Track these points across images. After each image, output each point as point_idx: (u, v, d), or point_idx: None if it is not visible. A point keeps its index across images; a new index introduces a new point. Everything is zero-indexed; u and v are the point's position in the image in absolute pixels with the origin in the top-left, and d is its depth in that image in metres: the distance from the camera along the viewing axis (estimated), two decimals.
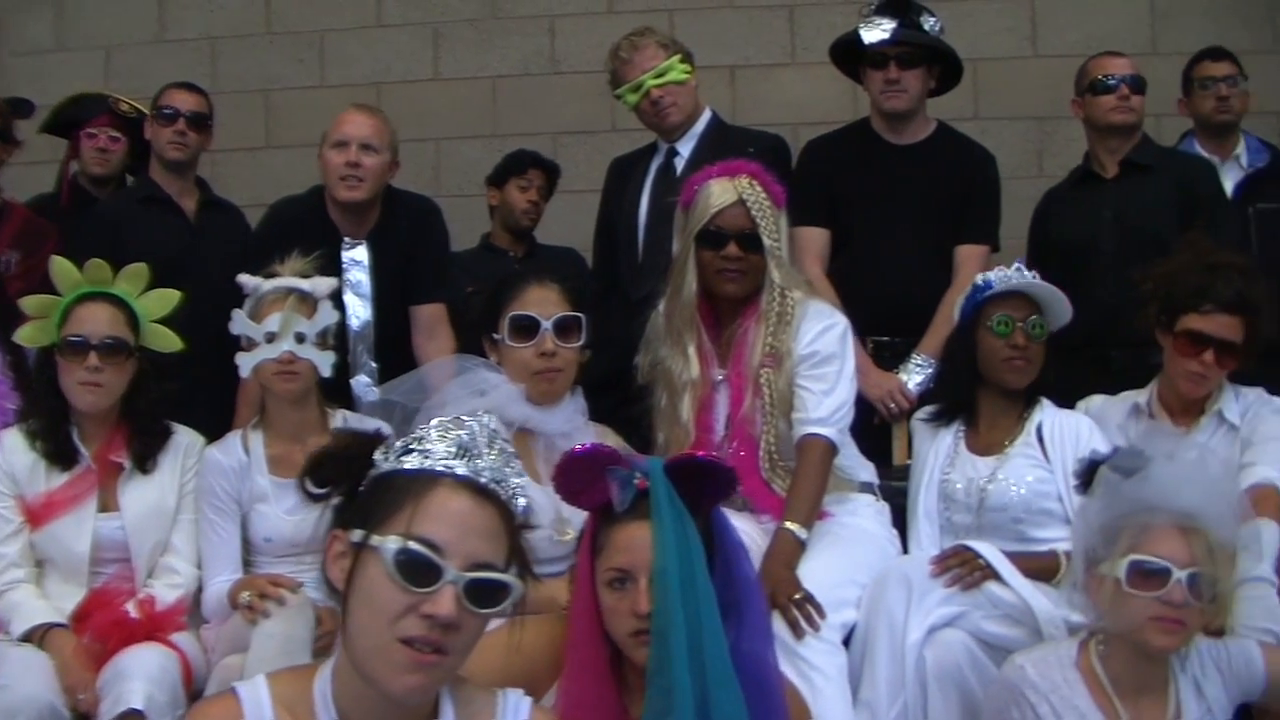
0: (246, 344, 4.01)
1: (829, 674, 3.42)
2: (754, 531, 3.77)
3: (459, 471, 2.13)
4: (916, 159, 5.06)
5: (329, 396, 4.25)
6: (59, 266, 4.00)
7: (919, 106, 5.06)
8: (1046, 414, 4.12)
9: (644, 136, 5.29)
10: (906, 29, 4.94)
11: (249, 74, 7.26)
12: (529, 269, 4.13)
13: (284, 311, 3.97)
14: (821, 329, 3.93)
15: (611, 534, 2.75)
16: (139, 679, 3.50)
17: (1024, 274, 4.19)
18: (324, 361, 4.01)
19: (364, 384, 4.84)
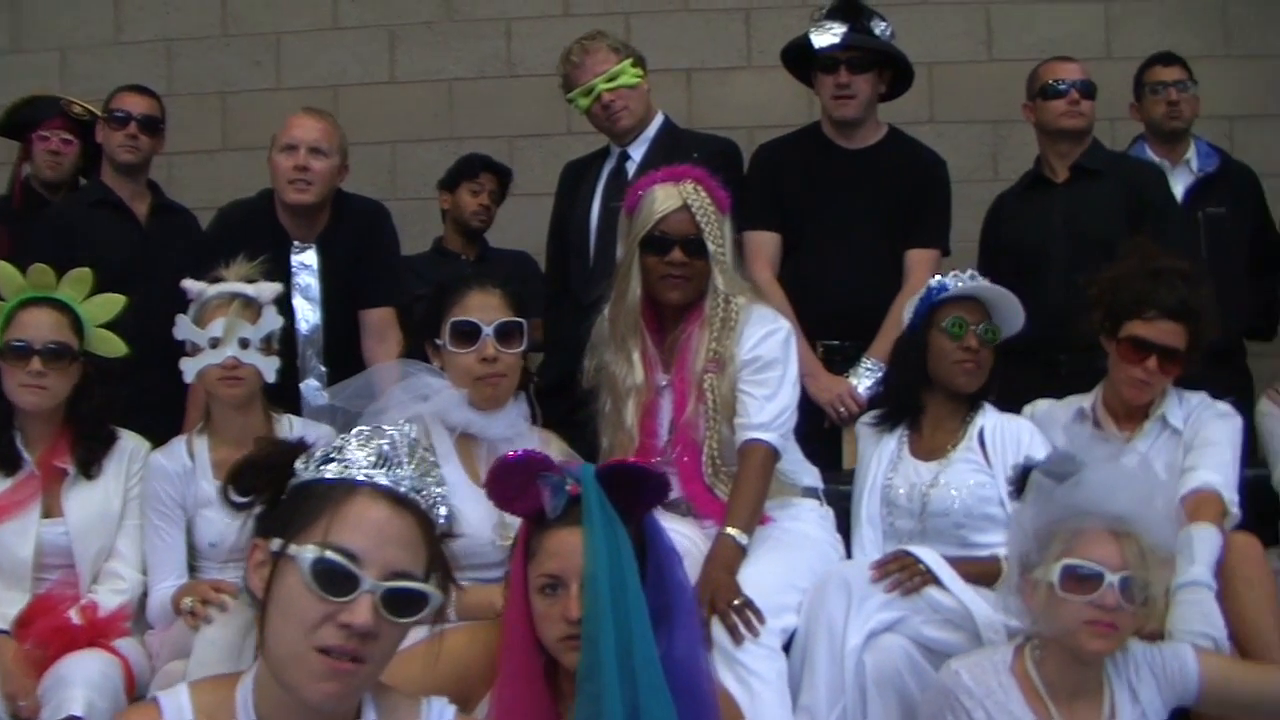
0: (191, 349, 3.99)
1: (768, 679, 3.41)
2: (697, 536, 3.77)
3: (378, 481, 2.13)
4: (867, 163, 5.06)
5: (279, 400, 4.24)
6: (2, 271, 3.99)
7: (869, 111, 5.06)
8: (988, 418, 4.13)
9: (600, 140, 5.29)
10: (857, 34, 4.95)
11: (205, 76, 7.23)
12: (471, 274, 4.11)
13: (228, 317, 3.95)
14: (764, 334, 3.93)
15: (543, 540, 2.75)
16: (80, 685, 3.48)
17: (979, 278, 4.20)
18: (268, 367, 4.00)
19: (313, 388, 4.83)
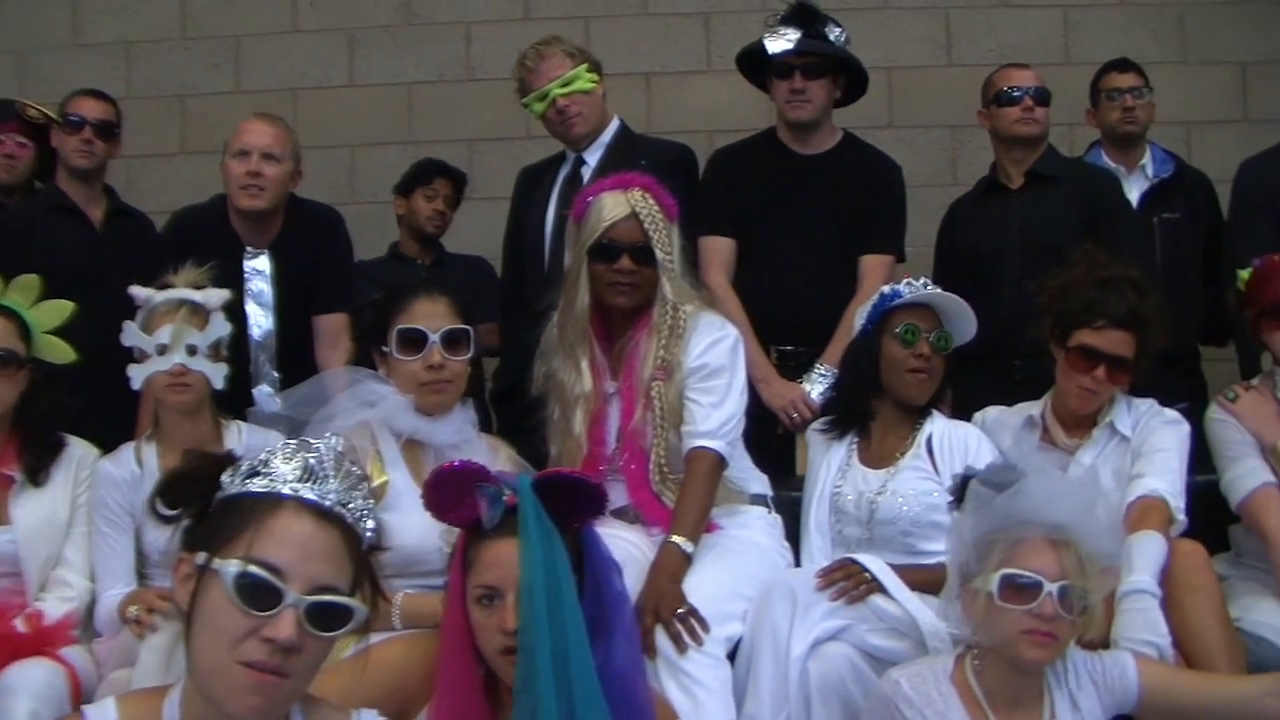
0: (139, 356, 3.98)
1: (712, 688, 3.41)
2: (644, 544, 3.77)
3: (303, 494, 2.13)
4: (822, 168, 5.07)
5: (233, 406, 4.23)
6: None
7: (824, 116, 5.07)
8: (936, 425, 4.14)
9: (559, 144, 5.27)
10: (811, 39, 4.95)
11: (164, 79, 7.20)
12: (418, 281, 4.11)
13: (175, 323, 3.93)
14: (711, 341, 3.93)
15: (481, 551, 2.75)
16: (24, 695, 3.46)
17: (932, 286, 4.22)
18: (216, 374, 3.99)
19: (266, 393, 4.82)
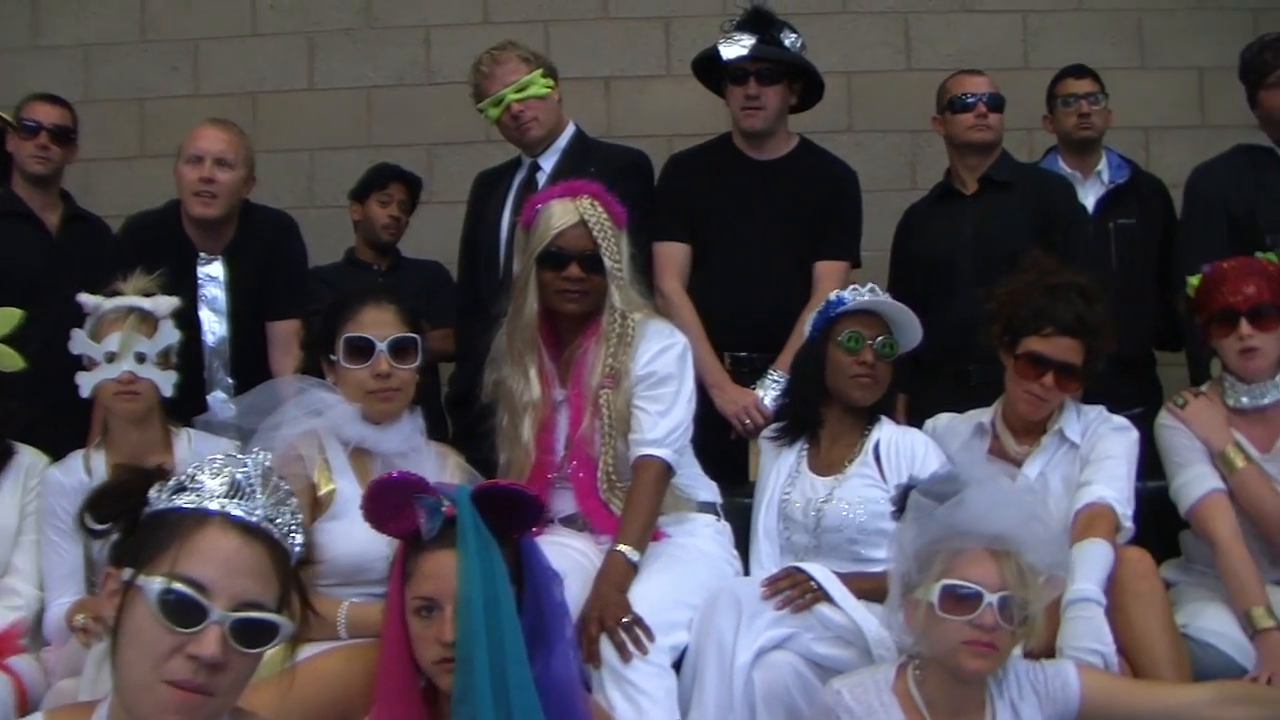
0: (87, 363, 3.97)
1: (656, 697, 3.41)
2: (592, 552, 3.78)
3: (229, 510, 2.12)
4: (777, 174, 5.08)
5: (188, 413, 4.22)
6: None
7: (779, 122, 5.08)
8: (884, 432, 4.14)
9: (517, 149, 5.27)
10: (766, 45, 4.96)
11: (122, 82, 7.16)
12: (365, 289, 4.09)
13: (124, 331, 3.93)
14: (659, 349, 3.93)
15: (420, 562, 2.74)
16: None
17: (878, 293, 4.22)
18: (165, 381, 3.98)
19: (220, 400, 4.80)
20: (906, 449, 4.07)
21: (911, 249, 5.28)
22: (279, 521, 2.17)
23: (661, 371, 3.91)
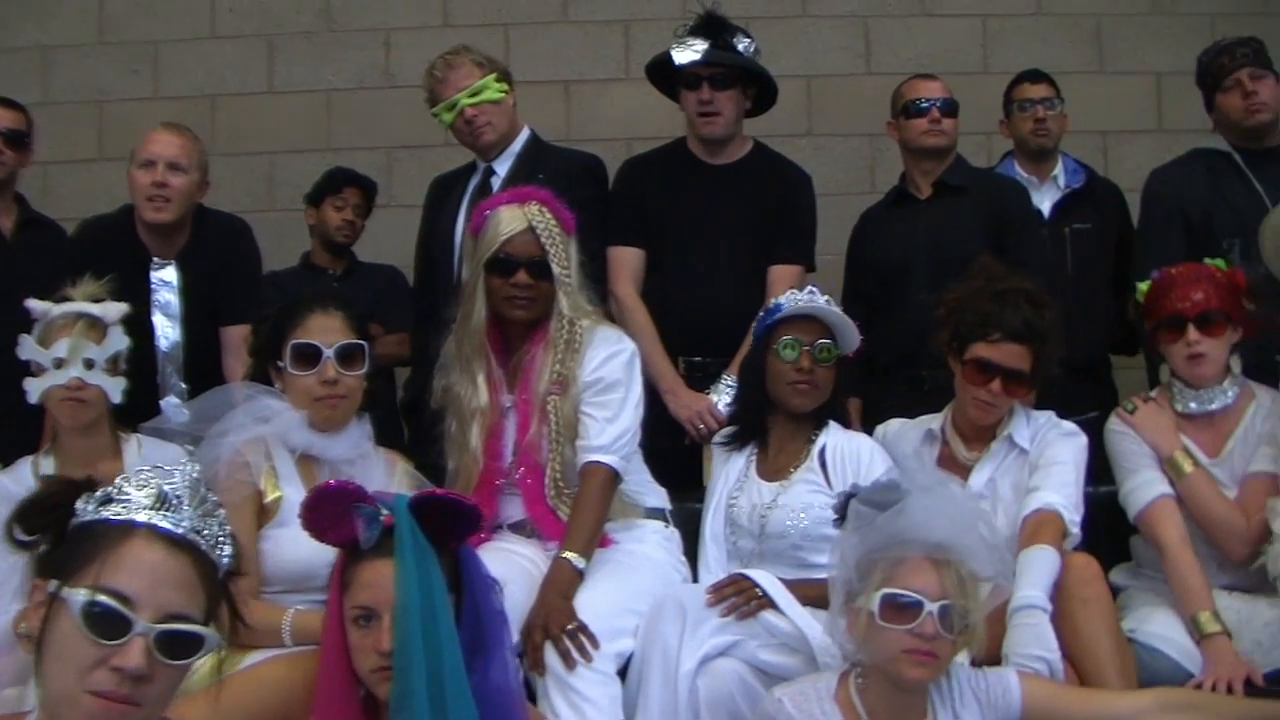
0: (36, 369, 3.95)
1: (601, 705, 3.42)
2: (539, 559, 3.80)
3: (155, 522, 2.11)
4: (732, 178, 5.08)
5: (140, 418, 4.20)
6: None
7: (734, 127, 5.07)
8: (831, 437, 4.14)
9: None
10: (719, 50, 4.96)
11: (81, 84, 7.12)
12: (312, 296, 4.08)
13: (72, 337, 3.90)
14: (607, 355, 3.94)
15: (358, 571, 2.74)
16: None
17: (816, 296, 4.21)
18: (114, 388, 3.96)
19: (173, 405, 4.79)
20: (852, 455, 4.06)
21: (866, 253, 5.28)
22: (206, 533, 2.16)
23: (609, 378, 3.91)
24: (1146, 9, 7.10)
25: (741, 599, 3.68)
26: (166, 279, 4.87)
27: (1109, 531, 4.28)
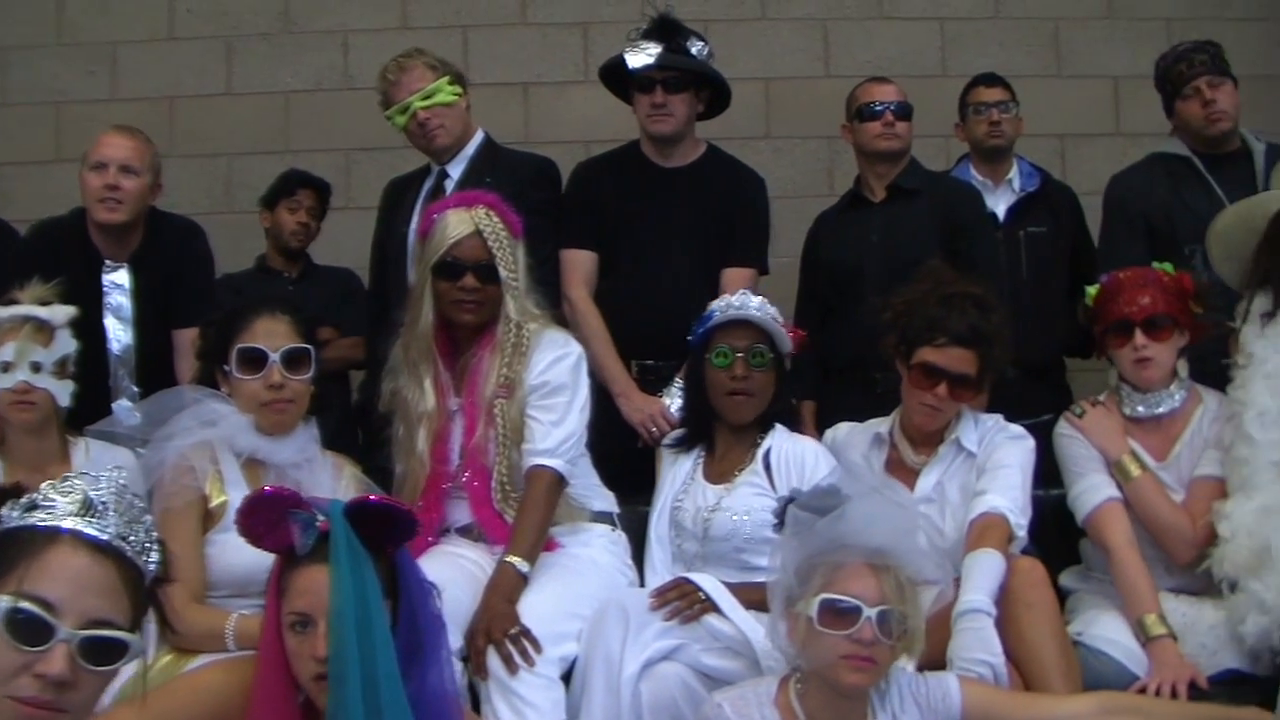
0: None
1: (543, 709, 3.42)
2: (486, 562, 3.79)
3: (79, 528, 2.12)
4: (684, 181, 5.07)
5: (92, 421, 4.19)
6: None
7: (687, 130, 5.07)
8: (776, 440, 4.14)
9: None
10: (672, 53, 4.96)
11: (38, 85, 7.08)
12: (259, 300, 4.08)
13: (19, 340, 3.88)
14: (553, 359, 3.94)
15: (294, 577, 2.74)
16: None
17: (747, 301, 4.21)
18: (62, 391, 3.94)
19: (125, 408, 4.77)
20: (796, 458, 4.07)
21: (820, 256, 5.27)
22: (132, 539, 2.16)
23: (555, 381, 3.92)
24: (1104, 13, 7.14)
25: (684, 603, 3.69)
26: (118, 282, 4.85)
27: (1060, 534, 4.30)
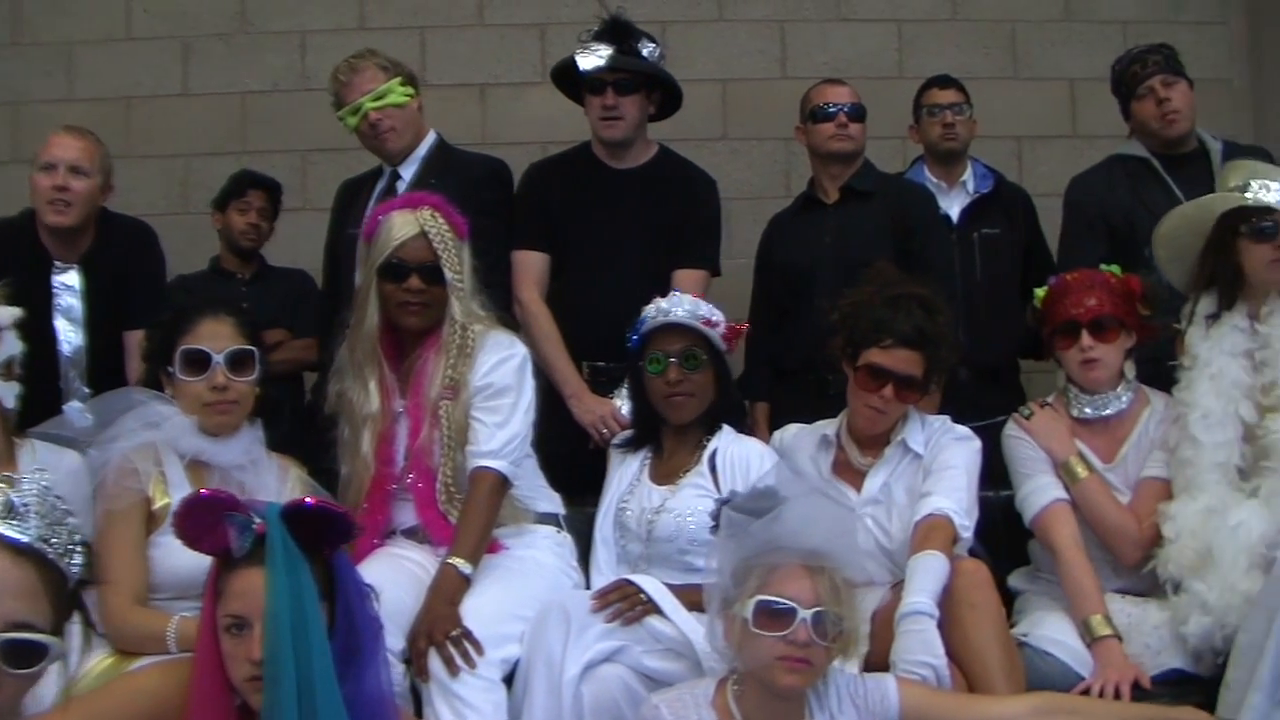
0: None
1: (484, 711, 3.43)
2: (430, 564, 3.79)
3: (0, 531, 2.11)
4: (635, 183, 5.07)
5: (41, 423, 4.17)
6: None
7: (638, 132, 5.07)
8: (721, 441, 4.15)
9: None
10: (623, 55, 4.96)
11: None
12: (203, 301, 4.07)
13: None
14: (497, 360, 3.94)
15: (230, 580, 2.73)
16: None
17: (675, 304, 4.23)
18: (7, 392, 3.90)
19: (77, 409, 4.74)
20: (741, 459, 4.07)
21: (774, 257, 5.28)
22: (55, 542, 2.16)
23: (499, 383, 3.91)
24: (1060, 15, 7.17)
25: (626, 604, 3.70)
26: (69, 283, 4.85)
27: (1008, 535, 4.31)
